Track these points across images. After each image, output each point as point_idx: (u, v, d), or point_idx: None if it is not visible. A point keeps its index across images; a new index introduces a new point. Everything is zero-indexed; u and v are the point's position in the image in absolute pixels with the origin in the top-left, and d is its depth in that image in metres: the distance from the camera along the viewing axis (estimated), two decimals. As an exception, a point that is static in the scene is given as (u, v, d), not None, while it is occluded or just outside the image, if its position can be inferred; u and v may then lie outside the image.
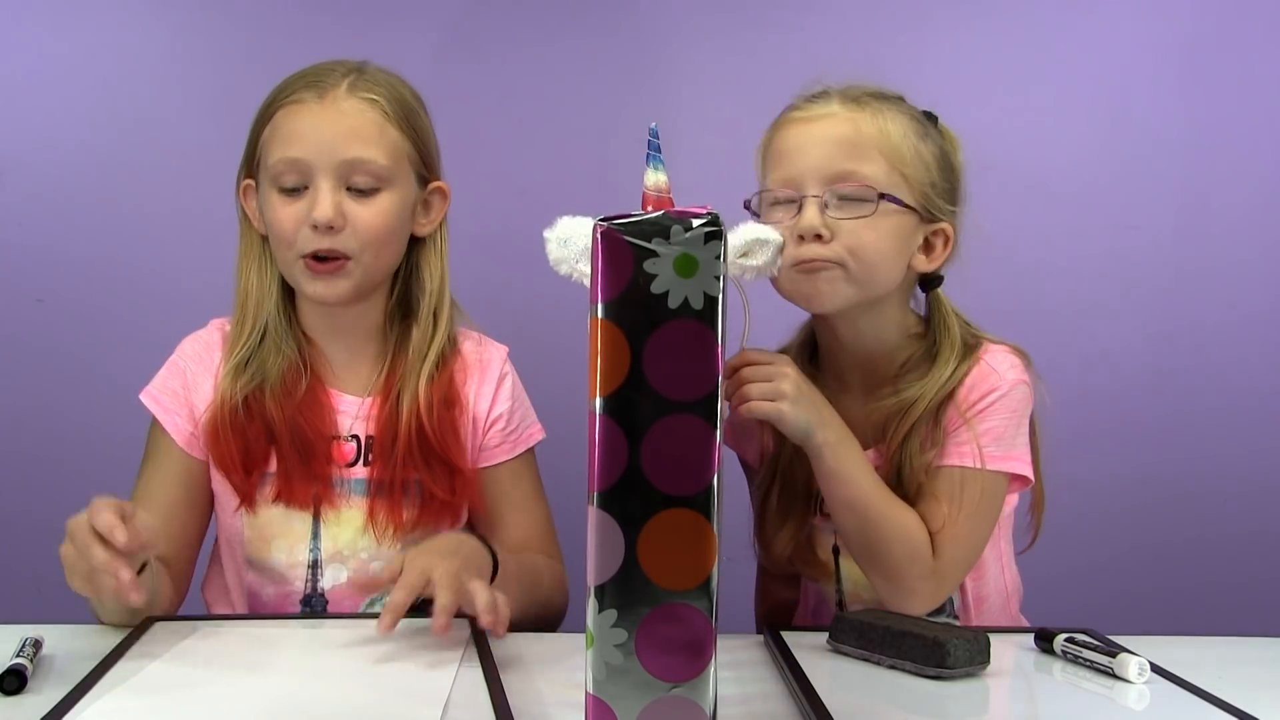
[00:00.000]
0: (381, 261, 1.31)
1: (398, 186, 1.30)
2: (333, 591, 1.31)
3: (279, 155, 1.27)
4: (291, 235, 1.27)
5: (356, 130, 1.27)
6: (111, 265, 1.90)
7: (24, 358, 1.90)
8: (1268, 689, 1.07)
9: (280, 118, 1.28)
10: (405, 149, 1.30)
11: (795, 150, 1.24)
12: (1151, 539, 1.95)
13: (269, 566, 1.32)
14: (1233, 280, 1.97)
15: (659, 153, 0.96)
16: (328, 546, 1.31)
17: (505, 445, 1.37)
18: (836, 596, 1.35)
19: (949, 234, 1.29)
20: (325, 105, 1.26)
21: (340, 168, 1.26)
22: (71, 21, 1.90)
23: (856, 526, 1.23)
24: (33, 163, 1.89)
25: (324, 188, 1.25)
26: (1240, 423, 1.97)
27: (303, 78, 1.29)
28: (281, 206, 1.27)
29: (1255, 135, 1.97)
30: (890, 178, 1.23)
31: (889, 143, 1.23)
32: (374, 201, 1.28)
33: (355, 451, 1.33)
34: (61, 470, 1.88)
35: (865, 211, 1.21)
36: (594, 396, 0.75)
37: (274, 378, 1.30)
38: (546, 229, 1.05)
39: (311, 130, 1.26)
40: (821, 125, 1.24)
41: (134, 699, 0.97)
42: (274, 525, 1.31)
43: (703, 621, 0.76)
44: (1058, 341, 1.62)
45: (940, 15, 1.96)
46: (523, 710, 0.95)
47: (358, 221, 1.27)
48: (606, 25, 1.95)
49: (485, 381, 1.37)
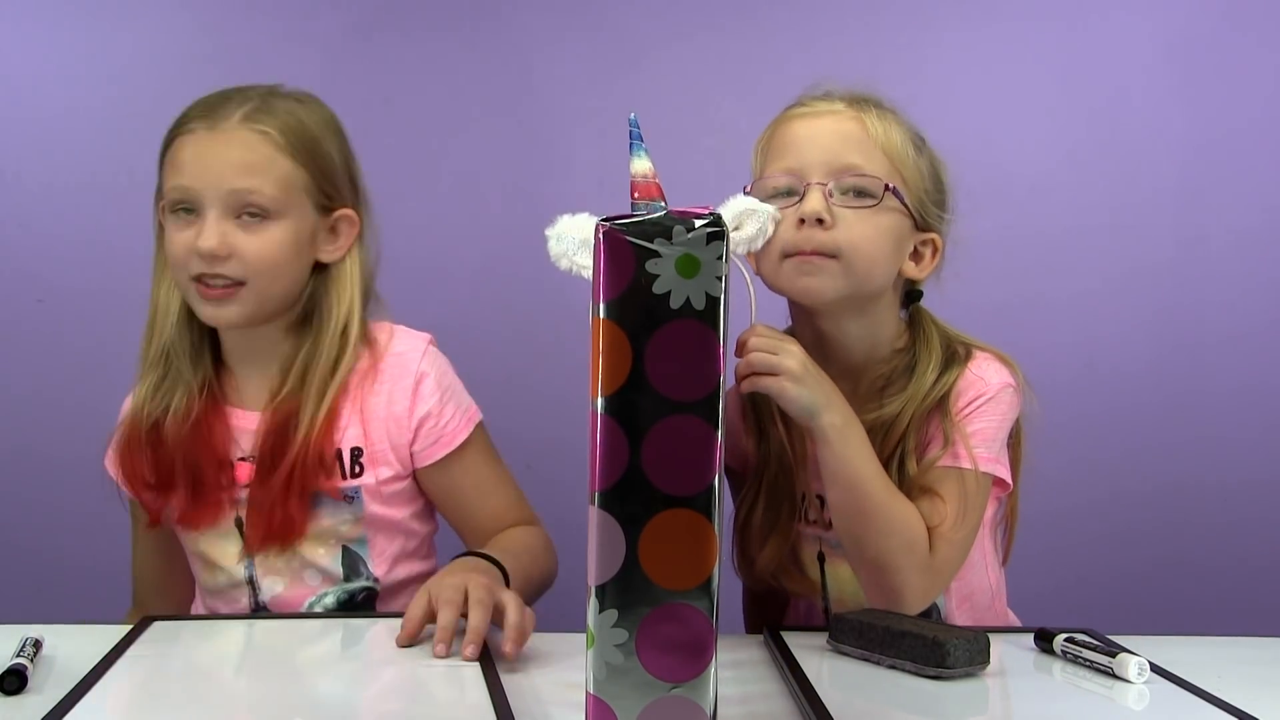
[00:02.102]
0: (276, 288, 1.32)
1: (289, 216, 1.30)
2: (272, 602, 1.34)
3: (172, 182, 1.30)
4: (183, 259, 1.29)
5: (244, 162, 1.28)
6: (111, 265, 1.90)
7: (24, 358, 1.90)
8: (1268, 689, 1.07)
9: (176, 145, 1.31)
10: (298, 179, 1.31)
11: (803, 141, 1.25)
12: (1151, 539, 1.95)
13: (218, 588, 1.36)
14: (1232, 281, 1.97)
15: (641, 140, 0.96)
16: (260, 560, 1.33)
17: (441, 442, 1.35)
18: (823, 606, 1.35)
19: (938, 244, 1.30)
20: (215, 135, 1.29)
21: (227, 197, 1.28)
22: (72, 21, 1.90)
23: (855, 512, 1.20)
24: (33, 163, 1.89)
25: (210, 216, 1.28)
26: (1240, 423, 1.97)
27: (202, 104, 1.32)
28: (175, 231, 1.30)
29: (1255, 135, 1.97)
30: (893, 177, 1.24)
31: (892, 145, 1.25)
32: (262, 231, 1.29)
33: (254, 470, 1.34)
34: (62, 470, 1.88)
35: (868, 204, 1.22)
36: (595, 396, 0.75)
37: (176, 404, 1.33)
38: (548, 228, 1.06)
39: (200, 160, 1.29)
40: (828, 120, 1.26)
41: (134, 699, 0.97)
42: (213, 550, 1.35)
43: (703, 621, 0.76)
44: (1057, 341, 1.63)
45: (940, 15, 1.96)
46: (523, 710, 0.95)
47: (245, 251, 1.28)
48: (607, 24, 1.95)
49: (399, 386, 1.35)
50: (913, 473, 1.25)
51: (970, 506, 1.24)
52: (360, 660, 1.11)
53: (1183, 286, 1.98)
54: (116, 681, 0.99)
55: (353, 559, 1.33)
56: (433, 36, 1.92)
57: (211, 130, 1.29)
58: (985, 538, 1.34)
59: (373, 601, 1.34)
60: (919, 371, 1.27)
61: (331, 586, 1.33)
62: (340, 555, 1.33)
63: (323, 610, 1.32)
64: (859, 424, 1.21)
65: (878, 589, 1.22)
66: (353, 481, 1.32)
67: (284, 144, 1.30)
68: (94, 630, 1.14)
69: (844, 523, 1.22)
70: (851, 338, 1.29)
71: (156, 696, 0.98)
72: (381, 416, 1.33)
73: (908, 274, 1.29)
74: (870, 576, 1.23)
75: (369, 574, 1.34)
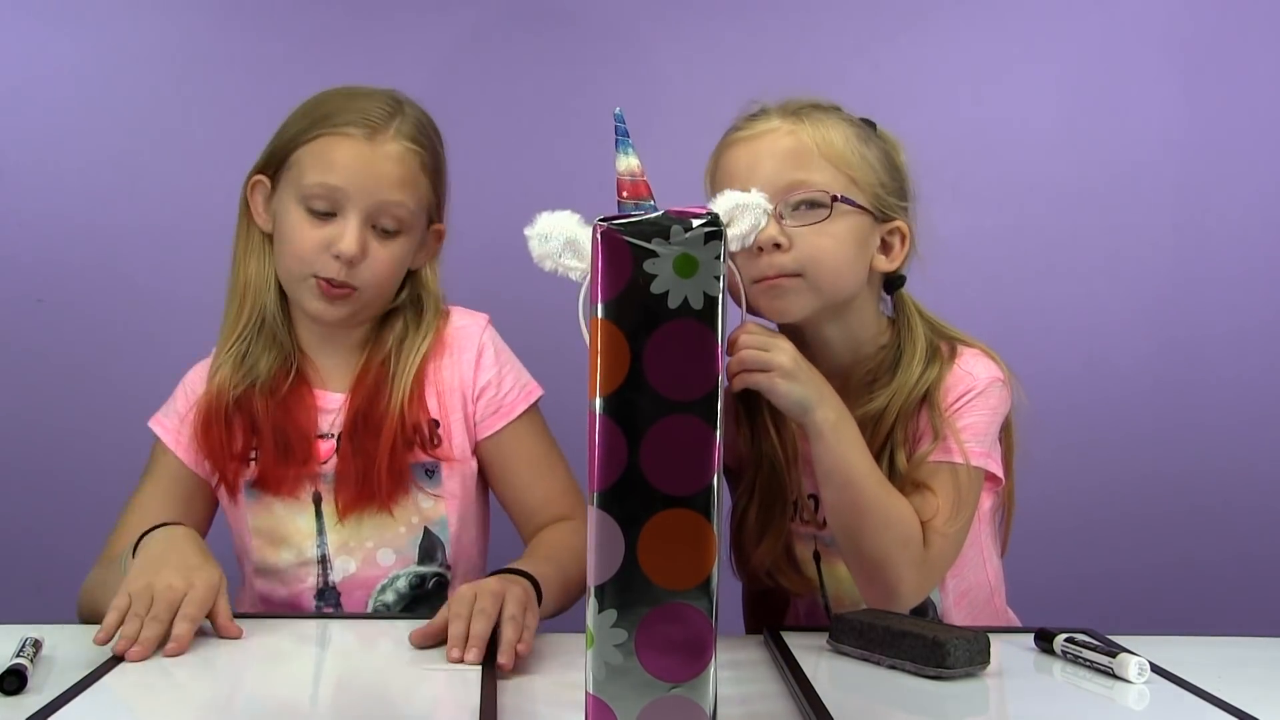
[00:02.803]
0: (382, 297, 1.37)
1: (413, 232, 1.36)
2: (344, 583, 1.35)
3: (317, 179, 1.30)
4: (310, 256, 1.31)
5: (397, 177, 1.32)
6: (111, 265, 1.90)
7: (24, 358, 1.90)
8: (1268, 689, 1.07)
9: (326, 143, 1.31)
10: (428, 198, 1.37)
11: (744, 168, 1.25)
12: (1151, 539, 1.95)
13: (279, 570, 1.36)
14: (1233, 281, 1.97)
15: (627, 137, 0.96)
16: (333, 539, 1.34)
17: (500, 412, 1.38)
18: (823, 603, 1.35)
19: (904, 231, 1.30)
20: (374, 146, 1.31)
21: (375, 207, 1.31)
22: (71, 21, 1.90)
23: (849, 507, 1.20)
24: (33, 163, 1.89)
25: (353, 222, 1.30)
26: (1240, 423, 1.97)
27: (351, 109, 1.32)
28: (306, 227, 1.31)
29: (1256, 135, 1.97)
30: (839, 183, 1.25)
31: (833, 150, 1.25)
32: (393, 244, 1.33)
33: (335, 449, 1.36)
34: (62, 470, 1.88)
35: (820, 217, 1.23)
36: (594, 396, 0.75)
37: (264, 376, 1.35)
38: (527, 227, 1.03)
39: (356, 164, 1.30)
40: (765, 141, 1.26)
41: (134, 699, 0.97)
42: (281, 527, 1.35)
43: (703, 621, 0.76)
44: (1057, 342, 1.63)
45: (940, 14, 1.96)
46: (523, 710, 0.95)
47: (375, 260, 1.32)
48: (607, 29, 1.95)
49: (464, 355, 1.39)
50: (902, 466, 1.26)
51: (963, 501, 1.24)
52: (360, 660, 1.11)
53: (1182, 284, 1.98)
54: (118, 680, 0.99)
55: (431, 542, 1.35)
56: (433, 35, 1.92)
57: (371, 139, 1.31)
58: (984, 534, 1.35)
59: (443, 589, 1.36)
60: (904, 364, 1.28)
61: (404, 569, 1.34)
62: (420, 537, 1.35)
63: (394, 595, 1.34)
64: (852, 419, 1.21)
65: (872, 584, 1.22)
66: (433, 454, 1.35)
67: (428, 165, 1.35)
68: (94, 630, 1.14)
69: (838, 519, 1.22)
70: (835, 341, 1.30)
71: (157, 696, 0.98)
72: (453, 388, 1.37)
73: (879, 268, 1.30)
74: (865, 572, 1.23)
75: (443, 559, 1.35)
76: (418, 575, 1.34)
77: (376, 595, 1.34)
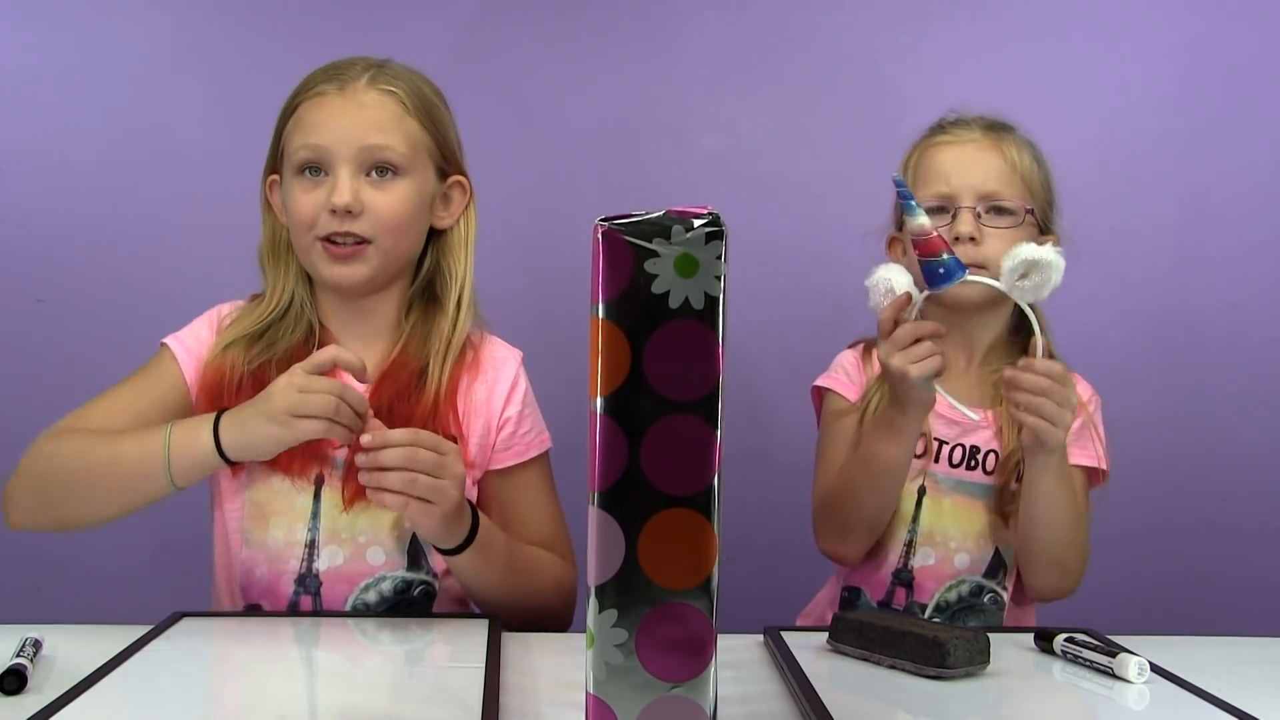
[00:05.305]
0: (400, 248, 1.35)
1: (415, 175, 1.34)
2: (327, 573, 1.31)
3: (300, 142, 1.32)
4: (310, 219, 1.31)
5: (375, 120, 1.32)
6: (111, 265, 1.90)
7: (24, 358, 1.90)
8: (1268, 689, 1.07)
9: (303, 110, 1.33)
10: (423, 140, 1.35)
11: (950, 168, 1.44)
12: (1151, 538, 1.95)
13: (265, 544, 1.32)
14: (1233, 280, 1.97)
15: (912, 198, 1.24)
16: (326, 526, 1.32)
17: (514, 450, 1.38)
18: (907, 538, 1.44)
19: (1055, 240, 1.46)
20: (346, 96, 1.32)
21: (359, 154, 1.31)
22: (70, 21, 1.90)
23: (1056, 527, 1.36)
24: (32, 163, 1.89)
25: (343, 174, 1.30)
26: (1240, 422, 1.97)
27: (324, 72, 1.35)
28: (302, 193, 1.32)
29: (1255, 135, 1.97)
30: (1026, 198, 1.44)
31: (1025, 169, 1.45)
32: (391, 188, 1.33)
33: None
34: (61, 470, 1.88)
35: (1012, 224, 1.42)
36: (594, 396, 0.75)
37: (281, 353, 1.33)
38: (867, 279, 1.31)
39: (332, 119, 1.32)
40: (970, 149, 1.46)
41: (134, 699, 0.97)
42: (276, 502, 1.32)
43: (703, 621, 0.76)
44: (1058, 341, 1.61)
45: (942, 14, 1.96)
46: (523, 710, 0.95)
47: (375, 207, 1.31)
48: (612, 26, 1.95)
49: (499, 382, 1.38)
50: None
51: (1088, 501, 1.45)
52: (361, 659, 1.11)
53: (1183, 286, 1.98)
54: (119, 680, 0.99)
55: (418, 549, 1.33)
56: (432, 31, 1.92)
57: (341, 91, 1.32)
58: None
59: (430, 599, 1.33)
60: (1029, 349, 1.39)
61: (391, 572, 1.32)
62: (408, 542, 1.32)
63: (376, 596, 1.31)
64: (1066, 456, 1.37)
65: (1046, 586, 1.42)
66: None
67: (410, 105, 1.35)
68: (94, 630, 1.14)
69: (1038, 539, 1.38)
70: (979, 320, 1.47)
71: (157, 696, 0.98)
72: (479, 411, 1.37)
73: None
74: (1044, 576, 1.40)
75: (429, 567, 1.33)
76: (404, 580, 1.32)
77: (359, 593, 1.31)
